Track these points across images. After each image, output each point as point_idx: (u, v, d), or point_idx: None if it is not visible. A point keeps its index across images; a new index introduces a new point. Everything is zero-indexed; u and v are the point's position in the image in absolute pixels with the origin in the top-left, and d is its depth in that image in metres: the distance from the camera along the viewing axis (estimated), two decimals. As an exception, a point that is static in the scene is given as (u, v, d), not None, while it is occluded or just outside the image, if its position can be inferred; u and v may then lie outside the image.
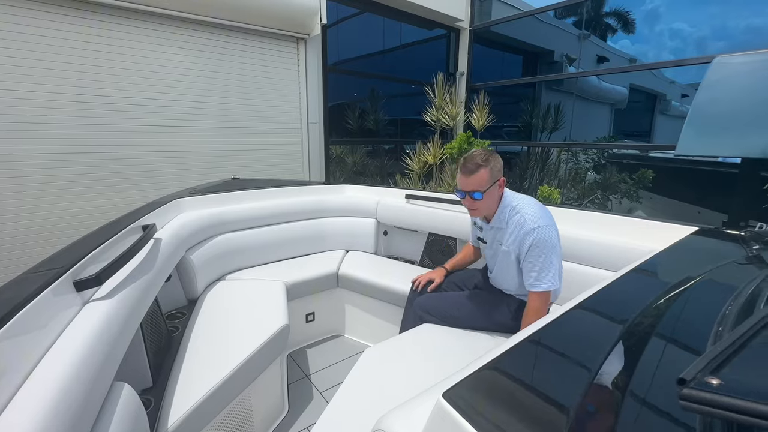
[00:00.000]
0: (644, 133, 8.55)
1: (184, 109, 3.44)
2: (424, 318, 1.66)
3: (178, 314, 1.73)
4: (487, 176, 1.37)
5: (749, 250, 1.12)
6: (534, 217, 1.37)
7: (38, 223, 2.87)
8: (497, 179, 1.40)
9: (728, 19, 7.27)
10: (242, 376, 1.34)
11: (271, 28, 3.77)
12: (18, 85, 2.67)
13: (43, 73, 2.76)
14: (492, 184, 1.39)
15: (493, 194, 1.41)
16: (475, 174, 1.37)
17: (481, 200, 1.39)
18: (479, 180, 1.37)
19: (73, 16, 2.85)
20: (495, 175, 1.39)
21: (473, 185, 1.38)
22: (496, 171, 1.39)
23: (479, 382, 0.55)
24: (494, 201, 1.45)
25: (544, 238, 1.34)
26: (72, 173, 2.98)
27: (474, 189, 1.38)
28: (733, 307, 0.69)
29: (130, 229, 1.42)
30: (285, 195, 2.53)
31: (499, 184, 1.41)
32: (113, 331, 0.97)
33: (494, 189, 1.40)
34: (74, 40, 2.87)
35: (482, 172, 1.36)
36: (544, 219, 1.37)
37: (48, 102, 2.80)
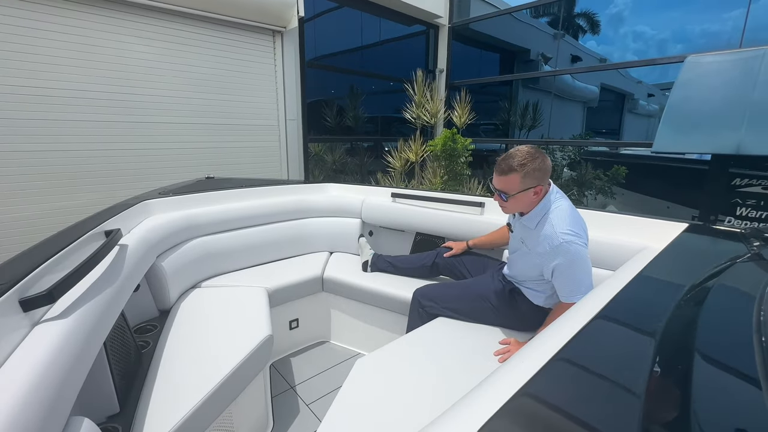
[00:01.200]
0: (614, 131, 8.86)
1: (148, 104, 3.22)
2: (425, 305, 1.66)
3: (149, 327, 1.58)
4: (518, 182, 1.30)
5: (750, 248, 1.11)
6: (565, 232, 1.27)
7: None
8: (531, 186, 1.31)
9: (686, 23, 7.63)
10: (223, 394, 1.21)
11: (246, 20, 3.59)
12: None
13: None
14: (522, 190, 1.31)
15: (523, 199, 1.34)
16: (507, 176, 1.31)
17: (507, 202, 1.35)
18: (508, 183, 1.32)
19: (27, 1, 2.59)
20: (527, 181, 1.30)
21: (502, 186, 1.34)
22: (530, 178, 1.29)
23: (516, 414, 0.47)
24: (526, 204, 1.37)
25: (575, 256, 1.26)
26: (23, 173, 2.72)
27: (502, 190, 1.35)
28: (765, 313, 0.64)
29: (91, 235, 1.27)
30: (264, 195, 2.39)
31: (534, 191, 1.32)
32: (69, 355, 0.83)
33: (525, 195, 1.33)
34: (24, 27, 2.61)
35: (513, 177, 1.30)
36: (574, 235, 1.27)
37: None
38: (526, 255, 1.45)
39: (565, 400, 0.51)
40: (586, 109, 7.71)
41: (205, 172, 2.84)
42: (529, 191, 1.32)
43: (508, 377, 0.58)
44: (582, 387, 0.55)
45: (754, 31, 3.68)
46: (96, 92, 2.96)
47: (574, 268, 1.27)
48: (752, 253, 1.07)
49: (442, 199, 2.26)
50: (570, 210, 1.34)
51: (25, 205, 2.76)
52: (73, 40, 2.83)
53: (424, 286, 1.75)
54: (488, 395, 0.54)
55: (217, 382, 1.18)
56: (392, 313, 1.94)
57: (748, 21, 3.72)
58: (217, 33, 3.53)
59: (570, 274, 1.28)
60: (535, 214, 1.37)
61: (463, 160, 4.35)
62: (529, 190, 1.32)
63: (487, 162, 6.29)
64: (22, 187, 2.73)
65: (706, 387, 0.52)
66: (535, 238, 1.37)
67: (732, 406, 0.50)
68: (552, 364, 0.57)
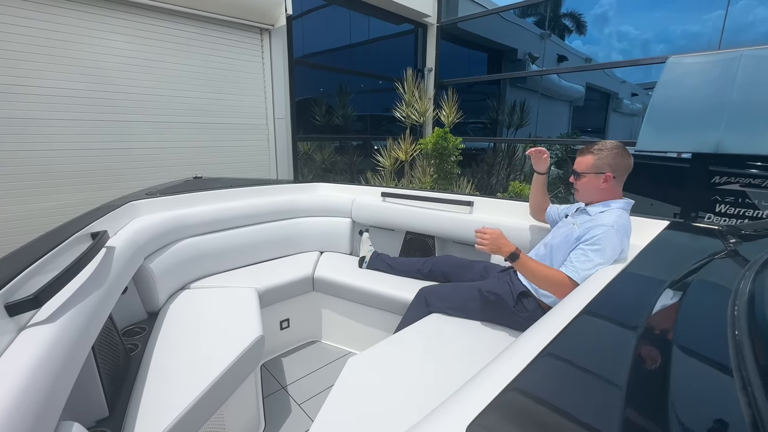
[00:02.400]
0: (600, 130, 9.02)
1: (132, 102, 3.16)
2: (432, 303, 1.69)
3: (137, 329, 1.56)
4: (591, 162, 1.44)
5: (727, 244, 1.15)
6: (617, 222, 1.33)
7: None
8: (602, 171, 1.42)
9: (668, 24, 7.83)
10: (214, 395, 1.21)
11: (232, 17, 3.55)
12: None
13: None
14: (593, 172, 1.43)
15: (592, 182, 1.45)
16: (582, 156, 1.47)
17: (579, 181, 1.48)
18: (582, 162, 1.47)
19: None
20: (600, 165, 1.42)
21: (577, 165, 1.49)
22: (602, 163, 1.42)
23: (505, 409, 0.49)
24: (594, 191, 1.46)
25: (605, 242, 1.28)
26: (2, 173, 2.65)
27: (575, 169, 1.49)
28: (739, 307, 0.68)
29: (77, 237, 1.25)
30: (253, 195, 2.37)
31: (604, 177, 1.42)
32: (57, 359, 0.82)
33: (595, 178, 1.44)
34: (1, 23, 2.54)
35: (587, 157, 1.45)
36: (624, 229, 1.33)
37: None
38: (568, 234, 1.47)
39: (552, 394, 0.53)
40: (572, 108, 7.84)
41: (193, 172, 2.80)
42: (600, 176, 1.42)
43: (497, 373, 0.60)
44: (568, 381, 0.57)
45: (732, 33, 3.79)
46: (78, 90, 2.90)
47: (595, 249, 1.29)
48: (729, 249, 1.12)
49: (432, 198, 2.28)
50: (626, 220, 1.38)
51: (4, 207, 2.69)
52: (53, 37, 2.76)
53: (432, 286, 1.77)
54: (478, 391, 0.56)
55: (207, 383, 1.18)
56: (383, 312, 1.96)
57: (727, 22, 3.83)
58: (203, 30, 3.49)
59: (587, 250, 1.30)
60: (599, 206, 1.45)
61: (454, 159, 4.38)
62: (600, 175, 1.42)
63: (475, 161, 6.34)
64: (1, 187, 2.66)
65: (684, 378, 0.55)
66: (590, 220, 1.40)
67: (707, 395, 0.52)
68: (539, 359, 0.59)
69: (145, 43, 3.17)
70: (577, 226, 1.45)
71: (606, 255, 1.27)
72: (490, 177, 6.21)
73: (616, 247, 1.28)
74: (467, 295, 1.65)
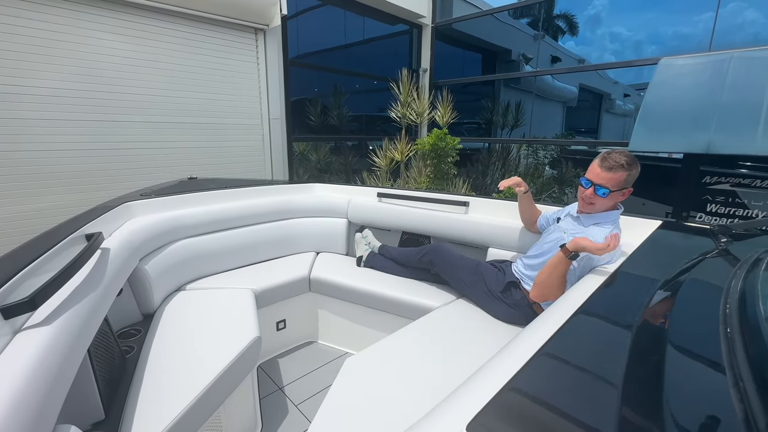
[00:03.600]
0: (593, 130, 9.09)
1: (125, 102, 3.14)
2: (431, 258, 1.86)
3: (133, 331, 1.55)
4: (622, 179, 1.35)
5: (718, 243, 1.18)
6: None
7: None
8: (626, 187, 1.38)
9: (660, 25, 7.93)
10: (210, 397, 1.21)
11: (227, 17, 3.53)
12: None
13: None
14: (620, 189, 1.37)
15: (615, 198, 1.39)
16: (614, 172, 1.34)
17: (604, 198, 1.37)
18: (614, 179, 1.35)
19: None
20: (628, 182, 1.37)
21: (605, 181, 1.36)
22: (630, 179, 1.37)
23: (503, 408, 0.49)
24: (610, 204, 1.43)
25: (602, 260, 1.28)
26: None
27: (603, 184, 1.36)
28: (731, 305, 0.69)
29: (72, 239, 1.24)
30: (248, 195, 2.36)
31: (624, 192, 1.39)
32: (53, 362, 0.82)
33: (618, 195, 1.39)
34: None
35: (621, 174, 1.34)
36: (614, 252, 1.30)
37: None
38: (555, 242, 1.50)
39: (549, 393, 0.54)
40: (565, 109, 7.89)
41: (188, 173, 2.79)
42: (624, 192, 1.39)
43: (495, 372, 0.60)
44: (564, 379, 0.58)
45: (722, 34, 3.84)
46: (72, 90, 2.87)
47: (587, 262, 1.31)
48: (720, 248, 1.14)
49: (428, 198, 2.29)
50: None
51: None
52: (48, 37, 2.73)
53: (443, 245, 1.94)
54: (476, 390, 0.56)
55: (204, 385, 1.17)
56: (380, 313, 1.96)
57: (717, 24, 3.88)
58: (198, 30, 3.47)
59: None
60: (594, 218, 1.43)
61: (451, 159, 4.40)
62: (624, 190, 1.39)
63: (470, 161, 6.37)
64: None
65: (678, 375, 0.56)
66: (582, 232, 1.42)
67: (700, 392, 0.54)
68: (536, 359, 0.60)
69: (140, 43, 3.15)
70: (567, 234, 1.48)
71: (591, 262, 1.30)
72: (485, 177, 6.24)
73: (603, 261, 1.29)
74: (466, 265, 1.78)
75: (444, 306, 1.77)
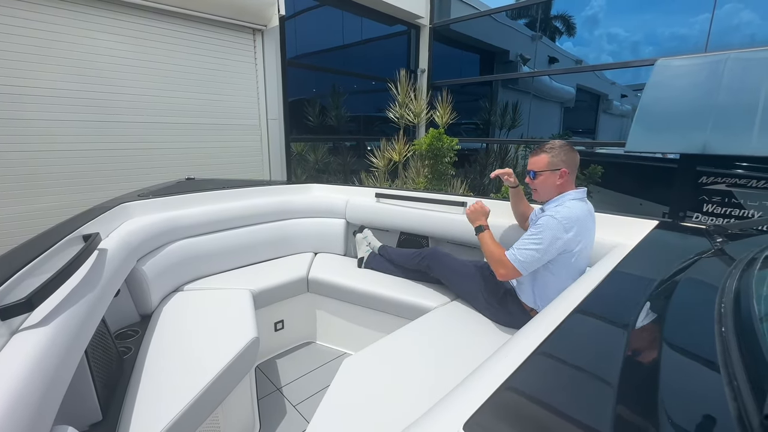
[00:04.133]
0: (590, 130, 9.12)
1: (123, 102, 3.14)
2: (429, 262, 1.90)
3: (130, 332, 1.54)
4: (545, 161, 1.50)
5: (714, 243, 1.18)
6: (561, 213, 1.40)
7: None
8: (557, 167, 1.48)
9: (657, 26, 7.98)
10: (208, 398, 1.21)
11: (225, 18, 3.53)
12: None
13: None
14: (548, 169, 1.49)
15: (548, 180, 1.50)
16: (536, 156, 1.53)
17: (535, 180, 1.53)
18: (537, 162, 1.52)
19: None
20: (555, 162, 1.48)
21: (532, 164, 1.55)
22: (556, 160, 1.48)
23: (500, 407, 0.50)
24: (551, 187, 1.51)
25: (550, 227, 1.38)
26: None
27: (531, 168, 1.55)
28: (726, 305, 0.70)
29: (69, 240, 1.23)
30: (246, 196, 2.36)
31: (560, 173, 1.48)
32: (50, 363, 0.82)
33: (551, 175, 1.49)
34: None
35: (542, 156, 1.51)
36: (561, 220, 1.38)
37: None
38: None
39: (545, 392, 0.55)
40: (563, 109, 7.92)
41: (186, 173, 2.78)
42: (555, 173, 1.47)
43: (491, 372, 0.61)
44: (561, 379, 0.58)
45: (718, 35, 3.87)
46: (69, 90, 2.87)
47: (532, 234, 1.41)
48: (716, 248, 1.14)
49: (426, 198, 2.29)
50: (578, 210, 1.42)
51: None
52: (44, 37, 2.72)
53: (440, 249, 1.97)
54: (473, 390, 0.57)
55: (202, 386, 1.17)
56: (378, 313, 1.97)
57: (713, 25, 3.91)
58: (196, 31, 3.46)
59: (527, 236, 1.43)
60: (553, 201, 1.51)
61: (448, 159, 4.41)
62: (555, 171, 1.47)
63: (468, 161, 6.38)
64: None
65: (673, 374, 0.56)
66: (543, 215, 1.47)
67: (695, 390, 0.54)
68: (533, 358, 0.60)
69: (137, 43, 3.15)
70: (532, 223, 1.56)
71: (542, 240, 1.38)
72: (483, 178, 6.26)
73: (554, 235, 1.37)
74: (463, 272, 1.81)
75: (442, 306, 1.77)
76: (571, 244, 1.39)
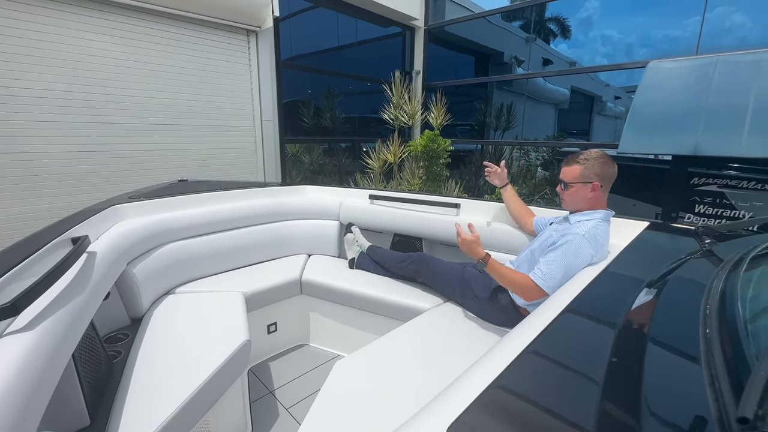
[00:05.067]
0: (584, 132, 9.19)
1: (116, 104, 3.11)
2: (418, 267, 1.89)
3: (120, 336, 1.53)
4: (578, 172, 1.46)
5: (702, 244, 1.19)
6: (592, 235, 1.35)
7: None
8: (590, 180, 1.44)
9: (650, 29, 8.08)
10: (199, 401, 1.20)
11: (219, 19, 3.52)
12: None
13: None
14: (581, 181, 1.45)
15: (579, 192, 1.47)
16: (568, 166, 1.49)
17: (566, 191, 1.50)
18: (569, 172, 1.48)
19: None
20: (587, 175, 1.44)
21: (563, 175, 1.52)
22: (589, 173, 1.44)
23: (488, 406, 0.50)
24: (581, 200, 1.48)
25: (576, 247, 1.33)
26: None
27: (562, 178, 1.51)
28: (711, 306, 0.70)
29: (57, 242, 1.22)
30: (240, 198, 2.35)
31: (591, 186, 1.44)
32: (35, 368, 0.81)
33: (583, 188, 1.45)
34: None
35: (574, 167, 1.47)
36: (591, 239, 1.33)
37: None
38: (543, 241, 1.54)
39: (532, 390, 0.55)
40: (557, 111, 7.97)
41: (179, 175, 2.77)
42: (587, 186, 1.44)
43: (481, 372, 0.61)
44: (548, 377, 0.59)
45: (710, 38, 3.91)
46: (61, 92, 2.84)
47: (560, 254, 1.34)
48: (704, 249, 1.15)
49: (419, 200, 2.30)
50: (606, 235, 1.40)
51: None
52: (36, 38, 2.70)
53: (427, 255, 1.97)
54: (462, 391, 0.57)
55: (193, 389, 1.16)
56: (371, 315, 1.96)
57: (704, 27, 3.95)
58: (189, 32, 3.45)
59: (554, 257, 1.35)
60: (581, 215, 1.47)
61: (443, 161, 4.41)
62: (587, 184, 1.43)
63: (463, 162, 6.40)
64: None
65: (657, 373, 0.57)
66: (568, 228, 1.44)
67: (678, 390, 0.54)
68: (522, 357, 0.60)
69: (130, 44, 3.13)
70: (556, 232, 1.51)
71: (569, 261, 1.31)
72: (478, 179, 6.28)
73: (582, 256, 1.31)
74: (451, 274, 1.80)
75: (434, 308, 1.77)
76: (595, 259, 1.36)
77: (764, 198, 3.21)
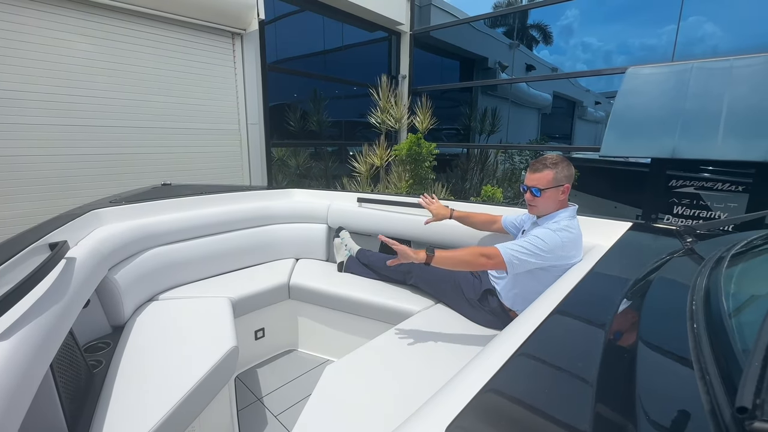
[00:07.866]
0: (566, 136, 9.38)
1: (96, 106, 3.03)
2: (411, 267, 1.89)
3: (101, 345, 1.47)
4: (551, 177, 1.44)
5: (684, 243, 1.23)
6: (565, 234, 1.37)
7: None
8: (561, 184, 1.45)
9: (628, 37, 8.35)
10: (185, 411, 1.16)
11: (203, 21, 3.47)
12: None
13: None
14: (553, 186, 1.44)
15: (552, 196, 1.46)
16: (540, 173, 1.46)
17: (539, 197, 1.46)
18: (541, 178, 1.45)
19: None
20: (559, 179, 1.44)
21: (534, 182, 1.47)
22: (561, 176, 1.44)
23: (482, 409, 0.49)
24: (552, 203, 1.48)
25: (550, 240, 1.35)
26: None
27: (534, 185, 1.47)
28: (697, 302, 0.72)
29: (34, 248, 1.17)
30: (225, 202, 2.31)
31: (562, 189, 1.45)
32: (11, 379, 0.77)
33: (554, 192, 1.45)
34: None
35: (546, 173, 1.45)
36: (568, 244, 1.36)
37: None
38: None
39: (526, 393, 0.55)
40: (540, 115, 8.13)
41: (162, 179, 2.70)
42: (559, 189, 1.45)
43: (473, 375, 0.60)
44: (541, 379, 0.59)
45: (685, 45, 4.07)
46: (39, 93, 2.75)
47: (533, 240, 1.36)
48: (686, 248, 1.19)
49: (407, 203, 2.30)
50: (577, 231, 1.43)
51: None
52: (12, 38, 2.60)
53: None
54: (455, 394, 0.56)
55: (178, 399, 1.13)
56: (361, 318, 1.95)
57: (679, 36, 4.10)
58: (173, 34, 3.39)
59: (523, 240, 1.39)
60: (551, 217, 1.48)
61: (428, 164, 4.44)
62: (559, 187, 1.45)
63: (450, 166, 6.46)
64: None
65: (649, 370, 0.58)
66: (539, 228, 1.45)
67: (670, 385, 0.55)
68: (514, 360, 0.60)
69: (111, 45, 3.05)
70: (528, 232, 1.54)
71: (538, 245, 1.34)
72: (464, 182, 6.34)
73: (552, 245, 1.34)
74: (441, 275, 1.81)
75: (424, 310, 1.77)
76: (564, 261, 1.38)
77: (738, 199, 3.33)
